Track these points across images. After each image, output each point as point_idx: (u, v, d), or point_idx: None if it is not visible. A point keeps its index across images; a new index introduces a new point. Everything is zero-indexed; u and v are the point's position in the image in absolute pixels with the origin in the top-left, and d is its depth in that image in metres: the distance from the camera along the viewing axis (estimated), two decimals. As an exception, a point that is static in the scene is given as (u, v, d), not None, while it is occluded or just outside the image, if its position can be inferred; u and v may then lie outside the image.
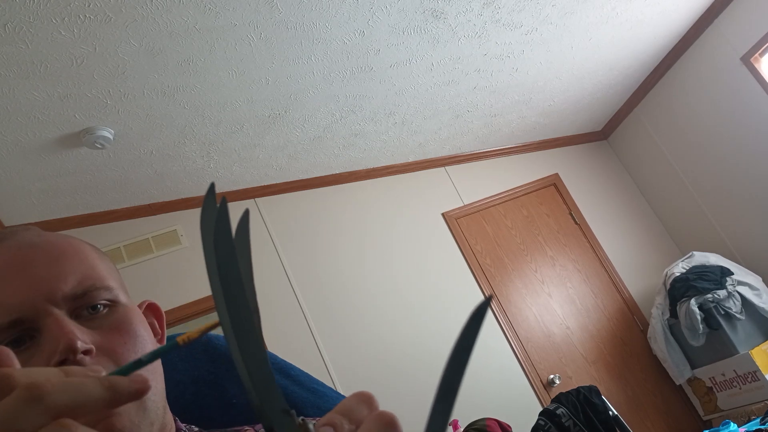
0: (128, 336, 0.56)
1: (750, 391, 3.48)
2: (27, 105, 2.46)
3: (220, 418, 0.77)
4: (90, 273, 0.57)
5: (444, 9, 2.80)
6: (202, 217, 0.33)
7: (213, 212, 0.33)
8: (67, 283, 0.54)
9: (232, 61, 2.64)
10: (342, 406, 0.36)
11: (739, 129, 3.89)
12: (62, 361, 0.50)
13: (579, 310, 4.16)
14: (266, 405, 0.32)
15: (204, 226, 0.33)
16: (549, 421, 2.70)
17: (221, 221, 0.32)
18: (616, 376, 4.01)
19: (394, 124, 3.69)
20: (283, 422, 0.33)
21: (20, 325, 0.52)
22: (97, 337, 0.54)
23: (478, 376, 3.72)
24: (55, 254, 0.56)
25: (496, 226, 4.28)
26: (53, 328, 0.51)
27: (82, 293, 0.55)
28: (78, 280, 0.55)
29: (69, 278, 0.55)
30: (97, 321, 0.55)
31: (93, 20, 2.16)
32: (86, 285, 0.55)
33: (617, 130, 4.80)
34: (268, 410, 0.32)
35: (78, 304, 0.55)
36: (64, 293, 0.54)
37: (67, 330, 0.51)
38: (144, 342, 0.58)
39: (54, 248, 0.57)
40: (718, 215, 4.23)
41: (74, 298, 0.54)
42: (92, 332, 0.54)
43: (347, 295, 3.75)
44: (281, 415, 0.33)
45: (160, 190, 3.48)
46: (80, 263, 0.57)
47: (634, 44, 3.78)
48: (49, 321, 0.52)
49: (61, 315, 0.52)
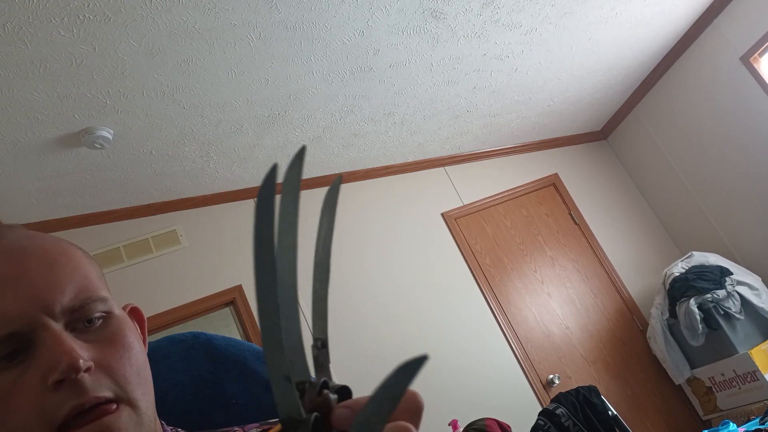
0: (123, 349, 0.55)
1: (749, 390, 3.48)
2: (26, 105, 2.46)
3: (220, 419, 0.77)
4: (86, 284, 0.56)
5: (443, 9, 2.80)
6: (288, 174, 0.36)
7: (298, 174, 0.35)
8: (65, 295, 0.53)
9: (231, 61, 2.64)
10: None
11: (738, 129, 3.89)
12: (61, 380, 0.49)
13: (578, 310, 4.16)
14: (271, 370, 0.33)
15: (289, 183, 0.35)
16: (548, 421, 2.70)
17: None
18: (615, 376, 4.01)
19: (393, 124, 3.68)
20: (283, 389, 0.33)
21: (16, 338, 0.51)
22: (94, 353, 0.53)
23: (478, 376, 3.72)
24: (48, 262, 0.55)
25: (495, 226, 4.28)
26: (51, 344, 0.50)
27: (79, 306, 0.54)
28: (75, 292, 0.54)
29: (66, 289, 0.54)
30: (92, 334, 0.54)
31: (92, 20, 2.16)
32: (83, 297, 0.54)
33: (617, 130, 4.80)
34: (272, 375, 0.33)
35: (74, 317, 0.54)
36: (63, 306, 0.53)
37: (68, 347, 0.50)
38: (138, 353, 0.57)
39: (47, 254, 0.55)
40: (717, 215, 4.23)
41: (72, 311, 0.53)
42: (89, 347, 0.53)
43: (346, 294, 3.75)
44: (283, 381, 0.33)
45: (159, 190, 3.48)
46: (74, 271, 0.56)
47: (633, 44, 3.78)
48: (46, 335, 0.51)
49: (59, 329, 0.51)
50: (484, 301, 4.00)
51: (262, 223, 0.33)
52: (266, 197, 0.33)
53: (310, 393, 0.34)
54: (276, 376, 0.32)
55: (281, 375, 0.32)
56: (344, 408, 0.35)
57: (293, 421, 0.32)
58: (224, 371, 0.79)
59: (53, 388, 0.49)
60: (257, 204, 0.33)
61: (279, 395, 0.32)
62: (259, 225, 0.33)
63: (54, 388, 0.49)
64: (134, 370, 0.55)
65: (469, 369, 3.74)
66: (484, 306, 3.99)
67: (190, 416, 0.76)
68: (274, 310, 0.33)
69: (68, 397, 0.49)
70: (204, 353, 0.80)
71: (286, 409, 0.32)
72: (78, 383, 0.50)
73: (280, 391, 0.32)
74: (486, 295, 4.01)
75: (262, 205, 0.33)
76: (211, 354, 0.80)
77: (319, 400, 0.34)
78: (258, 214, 0.33)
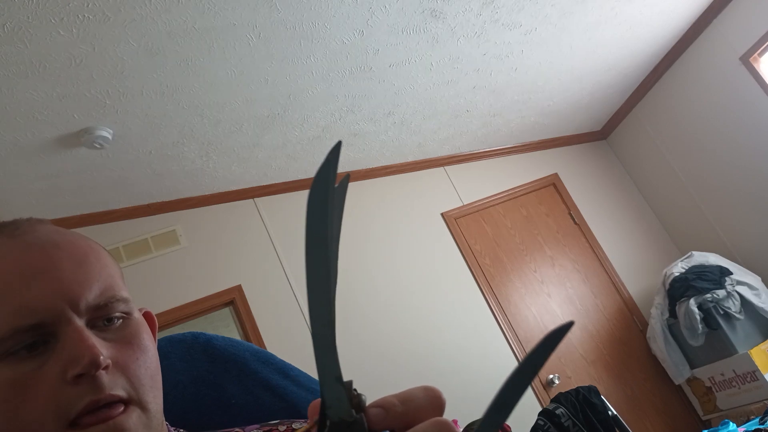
0: (140, 351, 0.57)
1: (749, 390, 3.48)
2: (26, 105, 2.45)
3: (219, 419, 0.77)
4: (111, 283, 0.57)
5: (443, 9, 2.80)
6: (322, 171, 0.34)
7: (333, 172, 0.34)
8: (91, 292, 0.55)
9: (230, 61, 2.63)
10: (404, 393, 0.36)
11: (738, 129, 3.89)
12: (80, 375, 0.50)
13: (578, 310, 4.16)
14: (322, 370, 0.33)
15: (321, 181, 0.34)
16: (548, 421, 2.70)
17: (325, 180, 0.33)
18: (615, 376, 4.01)
19: (393, 123, 3.68)
20: (335, 390, 0.33)
21: (39, 330, 0.51)
22: (112, 352, 0.54)
23: (478, 376, 3.72)
24: (78, 258, 0.56)
25: (495, 226, 4.28)
26: (75, 339, 0.51)
27: (103, 304, 0.55)
28: (101, 290, 0.55)
29: (93, 286, 0.55)
30: (110, 333, 0.55)
31: (92, 20, 2.16)
32: (108, 296, 0.56)
33: (616, 130, 4.80)
34: (322, 375, 0.32)
35: (97, 315, 0.55)
36: (88, 302, 0.54)
37: (90, 343, 0.51)
38: (153, 357, 0.58)
39: (77, 251, 0.57)
40: (717, 215, 4.23)
41: (96, 309, 0.55)
42: (108, 345, 0.54)
43: (346, 294, 3.75)
44: (334, 383, 0.33)
45: (159, 190, 3.48)
46: (102, 270, 0.57)
47: (633, 44, 3.78)
48: (69, 329, 0.52)
49: (82, 325, 0.53)
50: (483, 301, 4.00)
51: (315, 216, 0.32)
52: (321, 188, 0.33)
53: (349, 393, 0.34)
54: (326, 377, 0.32)
55: (332, 375, 0.32)
56: (377, 408, 0.35)
57: (344, 423, 0.32)
58: (224, 371, 0.79)
59: (72, 381, 0.50)
60: (311, 197, 0.33)
61: (330, 397, 0.32)
62: (313, 218, 0.32)
63: (73, 382, 0.50)
64: (148, 372, 0.56)
65: (469, 369, 3.74)
66: (483, 306, 3.99)
67: (189, 416, 0.76)
68: (328, 307, 0.33)
69: (85, 392, 0.50)
70: (204, 353, 0.80)
71: (337, 411, 0.32)
72: (96, 379, 0.51)
73: (331, 393, 0.32)
74: (486, 295, 4.01)
75: (316, 197, 0.32)
76: (210, 354, 0.80)
77: (356, 401, 0.34)
78: (311, 207, 0.32)
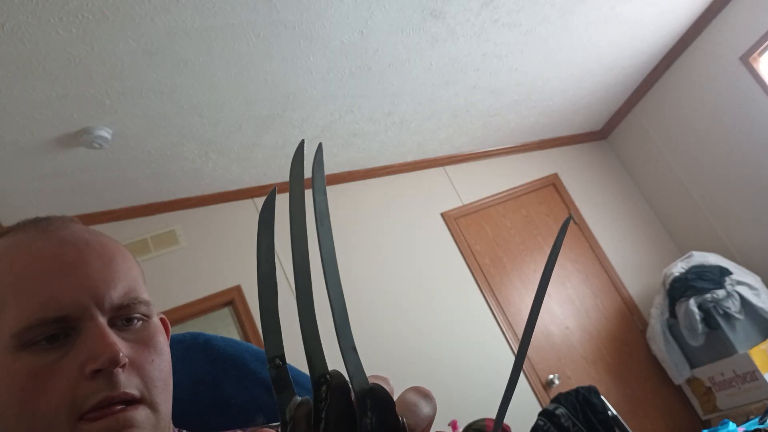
0: (156, 353, 0.58)
1: (749, 390, 3.48)
2: (25, 105, 2.45)
3: (218, 419, 0.76)
4: (135, 285, 0.59)
5: (443, 9, 2.80)
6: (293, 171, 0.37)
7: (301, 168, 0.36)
8: (117, 291, 0.56)
9: (230, 61, 2.63)
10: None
11: (737, 129, 3.89)
12: (98, 370, 0.52)
13: (578, 310, 4.16)
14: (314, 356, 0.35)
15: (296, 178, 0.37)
16: (548, 421, 2.70)
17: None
18: (615, 376, 4.01)
19: (392, 123, 3.68)
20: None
21: (63, 322, 0.53)
22: (130, 351, 0.56)
23: (478, 376, 3.72)
24: (107, 257, 0.58)
25: (495, 226, 4.28)
26: (96, 335, 0.53)
27: (126, 304, 0.57)
28: (125, 290, 0.57)
29: (118, 286, 0.57)
30: (129, 333, 0.57)
31: (91, 20, 2.16)
32: (131, 296, 0.57)
33: (616, 130, 4.80)
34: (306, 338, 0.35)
35: (118, 314, 0.56)
36: (112, 301, 0.56)
37: (111, 341, 0.53)
38: (167, 361, 0.60)
39: (106, 251, 0.59)
40: (717, 215, 4.23)
41: (119, 308, 0.56)
42: (126, 345, 0.56)
43: (345, 295, 3.74)
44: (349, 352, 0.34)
45: (158, 190, 3.47)
46: (128, 271, 0.59)
47: (633, 44, 3.78)
48: (91, 325, 0.53)
49: (104, 323, 0.54)
50: (483, 301, 3.99)
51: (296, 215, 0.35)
52: (296, 188, 0.36)
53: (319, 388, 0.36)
54: (345, 348, 0.34)
55: (349, 346, 0.34)
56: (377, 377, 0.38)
57: (368, 391, 0.34)
58: (223, 372, 0.79)
59: (90, 376, 0.52)
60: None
61: (352, 367, 0.34)
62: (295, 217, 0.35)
63: (90, 377, 0.52)
64: (162, 375, 0.58)
65: (469, 369, 3.74)
66: (483, 306, 3.98)
67: (188, 417, 0.76)
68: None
69: (101, 387, 0.52)
70: (203, 354, 0.80)
71: (359, 382, 0.34)
72: (113, 376, 0.53)
73: (352, 363, 0.34)
74: (485, 295, 4.01)
75: (294, 198, 0.35)
76: (209, 354, 0.80)
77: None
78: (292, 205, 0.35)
